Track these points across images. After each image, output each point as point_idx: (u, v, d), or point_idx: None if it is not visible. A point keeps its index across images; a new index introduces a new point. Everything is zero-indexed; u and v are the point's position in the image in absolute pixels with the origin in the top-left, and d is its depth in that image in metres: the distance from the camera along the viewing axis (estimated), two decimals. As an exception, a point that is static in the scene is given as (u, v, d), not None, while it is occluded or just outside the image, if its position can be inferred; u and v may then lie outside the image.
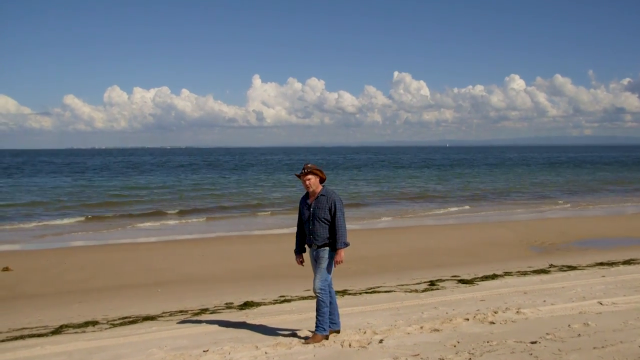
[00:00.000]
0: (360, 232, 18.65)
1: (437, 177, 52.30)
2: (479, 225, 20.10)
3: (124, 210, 25.08)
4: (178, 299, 9.33)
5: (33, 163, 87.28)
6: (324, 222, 6.09)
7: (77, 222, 21.82)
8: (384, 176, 53.43)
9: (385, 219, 22.56)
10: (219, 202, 29.44)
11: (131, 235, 18.50)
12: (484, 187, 39.17)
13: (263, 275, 11.67)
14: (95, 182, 43.96)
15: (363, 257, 13.43)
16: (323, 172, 6.25)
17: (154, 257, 13.90)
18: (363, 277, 11.10)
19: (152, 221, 21.85)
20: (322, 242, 6.11)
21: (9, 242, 17.17)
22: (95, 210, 25.29)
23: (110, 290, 10.48)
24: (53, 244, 16.73)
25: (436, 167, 73.19)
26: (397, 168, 71.28)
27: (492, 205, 27.94)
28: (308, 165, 6.18)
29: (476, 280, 10.01)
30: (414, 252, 14.31)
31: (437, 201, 30.12)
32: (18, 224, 21.03)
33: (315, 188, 6.18)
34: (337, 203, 6.09)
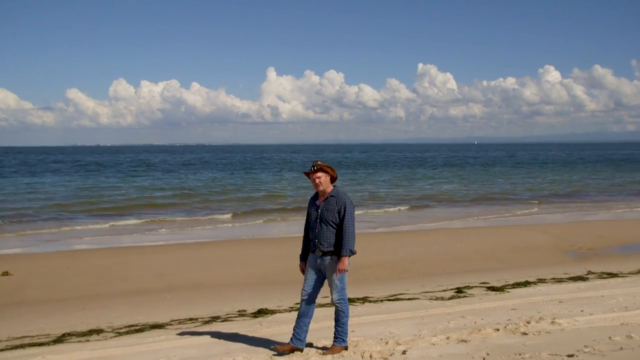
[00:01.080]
0: (380, 236, 18.62)
1: (485, 175, 52.06)
2: (510, 228, 19.93)
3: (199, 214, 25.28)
4: (188, 306, 9.38)
5: (46, 161, 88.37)
6: (331, 225, 6.00)
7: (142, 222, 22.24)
8: (422, 175, 53.23)
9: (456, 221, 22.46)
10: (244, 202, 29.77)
11: (138, 238, 18.68)
12: (547, 187, 38.89)
13: (278, 281, 11.69)
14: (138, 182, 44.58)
15: (384, 262, 13.39)
16: (334, 170, 6.17)
17: (162, 261, 14.00)
18: (384, 283, 11.06)
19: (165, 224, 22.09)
20: (328, 248, 6.01)
21: (9, 245, 17.43)
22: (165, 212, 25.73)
23: (116, 297, 10.57)
24: (56, 247, 16.94)
25: (479, 166, 72.72)
26: (431, 167, 70.80)
27: (568, 205, 27.99)
28: (318, 162, 6.10)
29: (507, 288, 9.92)
30: (440, 256, 14.23)
31: (504, 203, 29.69)
32: (88, 224, 21.62)
33: (326, 187, 6.09)
34: (347, 205, 5.99)
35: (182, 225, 21.68)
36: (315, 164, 6.08)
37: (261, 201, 30.00)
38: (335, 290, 6.07)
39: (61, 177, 51.27)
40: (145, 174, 55.64)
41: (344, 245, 5.95)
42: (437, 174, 55.58)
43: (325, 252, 6.03)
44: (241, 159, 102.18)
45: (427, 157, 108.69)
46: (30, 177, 50.43)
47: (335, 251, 6.01)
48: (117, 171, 61.22)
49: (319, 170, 6.06)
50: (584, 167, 67.90)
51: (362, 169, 65.63)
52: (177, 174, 55.31)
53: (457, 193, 35.48)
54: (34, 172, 59.40)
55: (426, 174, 56.33)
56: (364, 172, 60.07)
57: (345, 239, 5.95)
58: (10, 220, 22.60)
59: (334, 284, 6.07)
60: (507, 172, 58.79)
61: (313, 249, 6.14)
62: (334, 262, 6.03)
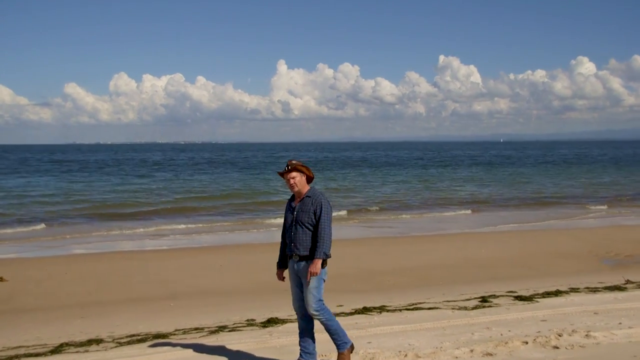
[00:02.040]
0: (399, 240, 18.58)
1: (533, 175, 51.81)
2: (540, 232, 19.80)
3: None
4: (193, 315, 9.41)
5: (43, 160, 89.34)
6: (307, 227, 5.97)
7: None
8: (445, 176, 53.09)
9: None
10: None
11: (140, 242, 18.78)
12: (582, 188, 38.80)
13: (290, 289, 11.68)
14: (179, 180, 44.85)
15: (403, 268, 13.36)
16: (310, 170, 6.16)
17: (166, 266, 14.06)
18: (403, 291, 11.03)
19: (166, 225, 22.20)
20: (304, 252, 5.98)
21: (4, 249, 17.61)
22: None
23: (117, 304, 10.63)
24: (52, 251, 17.08)
25: (530, 165, 72.26)
26: (455, 166, 70.59)
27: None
28: (292, 161, 6.11)
29: (536, 297, 9.85)
30: (463, 262, 14.17)
31: (534, 205, 29.53)
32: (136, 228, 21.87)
33: (301, 188, 6.08)
34: (323, 205, 5.97)
35: (187, 230, 21.75)
36: (290, 164, 6.08)
37: (270, 205, 30.01)
38: (312, 299, 6.00)
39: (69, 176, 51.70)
40: (149, 175, 55.98)
41: (318, 247, 5.89)
42: (460, 174, 55.47)
43: (302, 257, 6.00)
44: (251, 158, 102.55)
45: (451, 156, 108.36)
46: (26, 178, 50.96)
47: (311, 255, 5.98)
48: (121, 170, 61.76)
49: (294, 169, 6.05)
50: (618, 167, 67.24)
51: (381, 169, 65.57)
52: (182, 174, 55.66)
53: (482, 194, 35.37)
54: (30, 171, 60.02)
55: (448, 174, 56.22)
56: (383, 171, 60.04)
57: (320, 240, 5.90)
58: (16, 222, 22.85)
59: (309, 293, 5.99)
60: (546, 171, 58.47)
61: (290, 254, 6.12)
62: (309, 267, 5.99)
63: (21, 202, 30.92)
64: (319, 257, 5.89)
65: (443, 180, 47.67)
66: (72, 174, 55.62)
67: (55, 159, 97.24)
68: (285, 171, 6.08)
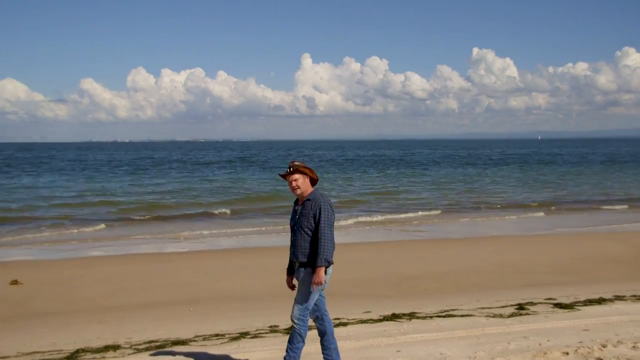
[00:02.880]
0: (430, 244, 18.49)
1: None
2: (581, 236, 19.56)
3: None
4: (213, 320, 9.47)
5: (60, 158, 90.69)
6: (307, 232, 5.92)
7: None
8: (485, 175, 52.65)
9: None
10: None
11: (159, 244, 18.97)
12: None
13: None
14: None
15: (435, 273, 13.31)
16: (314, 172, 6.12)
17: (186, 270, 14.17)
18: (435, 297, 10.99)
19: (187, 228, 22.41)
20: (302, 258, 5.94)
21: (19, 251, 17.91)
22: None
23: (135, 309, 10.74)
24: (68, 253, 17.34)
25: (570, 164, 71.30)
26: (492, 165, 70.05)
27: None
28: (295, 162, 6.06)
29: (577, 305, 9.72)
30: (498, 267, 14.06)
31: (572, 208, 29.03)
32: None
33: (305, 191, 6.04)
34: (322, 208, 5.88)
35: (207, 233, 21.90)
36: (292, 165, 6.04)
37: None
38: (297, 307, 5.97)
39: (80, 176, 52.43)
40: (160, 174, 56.50)
41: (319, 254, 5.80)
42: (498, 173, 55.01)
43: (302, 263, 5.96)
44: (276, 156, 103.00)
45: (484, 155, 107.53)
46: (47, 176, 51.81)
47: (310, 262, 5.91)
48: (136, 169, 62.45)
49: (296, 171, 6.00)
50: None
51: (412, 168, 65.35)
52: (198, 173, 56.11)
53: (517, 195, 35.05)
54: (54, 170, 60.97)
55: (481, 173, 55.81)
56: (415, 171, 59.85)
57: (321, 246, 5.81)
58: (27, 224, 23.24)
59: (299, 299, 5.97)
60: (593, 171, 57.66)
61: (292, 259, 6.11)
62: (307, 274, 5.93)
63: (85, 200, 31.92)
64: (320, 264, 5.79)
65: (476, 180, 47.34)
66: (117, 174, 56.36)
67: (81, 158, 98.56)
68: (287, 173, 6.04)
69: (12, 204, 30.28)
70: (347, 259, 15.23)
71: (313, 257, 5.87)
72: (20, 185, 42.33)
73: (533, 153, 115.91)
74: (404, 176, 52.23)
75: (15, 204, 30.32)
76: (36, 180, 47.88)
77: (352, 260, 14.98)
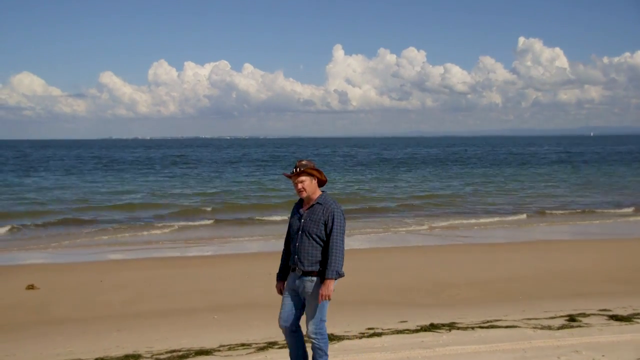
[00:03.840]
0: (470, 248, 18.37)
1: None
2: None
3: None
4: (240, 329, 9.51)
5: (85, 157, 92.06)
6: (315, 240, 5.89)
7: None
8: (538, 174, 51.83)
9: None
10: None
11: (182, 248, 19.14)
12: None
13: (346, 301, 11.68)
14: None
15: (476, 281, 13.21)
16: (322, 173, 6.06)
17: (210, 275, 14.25)
18: (477, 306, 10.91)
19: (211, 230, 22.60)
20: (309, 266, 5.91)
21: (35, 254, 18.22)
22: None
23: (156, 316, 10.84)
24: (87, 256, 17.60)
25: (628, 163, 70.01)
26: (545, 164, 69.05)
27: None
28: (302, 162, 5.98)
29: (636, 317, 9.55)
30: (547, 275, 13.89)
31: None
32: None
33: (311, 194, 5.99)
34: (336, 216, 5.86)
35: (233, 235, 22.06)
36: (299, 165, 5.96)
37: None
38: (313, 321, 5.96)
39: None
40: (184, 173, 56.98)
41: (330, 265, 5.80)
42: (550, 173, 54.35)
43: (307, 272, 5.93)
44: (306, 155, 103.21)
45: (530, 152, 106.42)
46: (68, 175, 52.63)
47: (319, 272, 5.90)
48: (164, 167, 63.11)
49: (303, 172, 5.94)
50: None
51: (455, 166, 64.96)
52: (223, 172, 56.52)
53: (565, 196, 34.62)
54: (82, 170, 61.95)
55: (525, 172, 55.21)
56: (458, 169, 59.48)
57: (332, 257, 5.81)
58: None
59: (312, 313, 5.96)
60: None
61: (293, 267, 6.05)
62: (316, 285, 5.91)
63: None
64: (331, 277, 5.79)
65: (520, 179, 46.83)
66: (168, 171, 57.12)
67: (115, 156, 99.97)
68: (293, 174, 5.98)
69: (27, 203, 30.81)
70: (381, 264, 15.21)
71: (322, 266, 5.88)
72: (41, 186, 42.96)
73: (589, 151, 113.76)
74: (459, 176, 51.33)
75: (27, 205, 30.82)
76: (45, 179, 48.56)
77: (386, 266, 14.95)
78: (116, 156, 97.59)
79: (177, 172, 58.39)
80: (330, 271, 5.79)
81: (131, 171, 59.32)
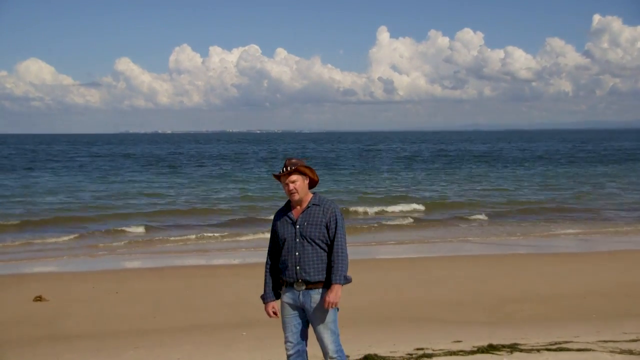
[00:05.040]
0: (534, 258, 18.19)
1: None
2: None
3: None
4: (270, 348, 9.53)
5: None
6: (319, 245, 5.94)
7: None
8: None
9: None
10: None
11: (206, 256, 19.33)
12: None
13: (392, 317, 11.69)
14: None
15: (542, 295, 13.09)
16: (314, 171, 6.09)
17: (237, 285, 14.34)
18: (542, 325, 10.80)
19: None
20: (316, 276, 5.94)
21: (44, 262, 18.53)
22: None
23: (177, 332, 10.93)
24: (100, 265, 17.86)
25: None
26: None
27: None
28: (292, 160, 6.03)
29: None
30: (624, 289, 13.67)
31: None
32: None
33: (303, 195, 6.03)
34: (338, 217, 5.97)
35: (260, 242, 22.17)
36: (290, 163, 6.00)
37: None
38: (331, 338, 5.99)
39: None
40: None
41: (337, 270, 5.87)
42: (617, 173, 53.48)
43: (312, 284, 5.95)
44: (348, 151, 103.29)
45: (611, 149, 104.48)
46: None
47: (326, 281, 5.95)
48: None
49: (294, 171, 5.97)
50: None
51: (520, 165, 64.30)
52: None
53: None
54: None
55: (605, 172, 54.35)
56: (527, 168, 58.87)
57: (338, 261, 5.89)
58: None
59: (327, 330, 5.99)
60: None
61: (291, 281, 6.04)
62: (323, 295, 5.95)
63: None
64: (338, 281, 5.85)
65: (598, 180, 46.15)
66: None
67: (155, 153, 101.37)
68: (283, 173, 6.00)
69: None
70: (430, 276, 15.13)
71: (328, 273, 5.94)
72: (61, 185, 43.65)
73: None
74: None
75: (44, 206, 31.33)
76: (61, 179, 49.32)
77: (435, 277, 14.88)
78: (132, 150, 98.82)
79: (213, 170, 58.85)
80: (338, 276, 5.87)
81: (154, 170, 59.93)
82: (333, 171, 56.49)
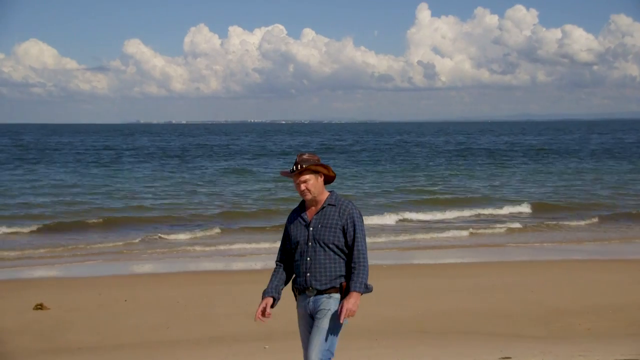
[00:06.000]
0: (592, 265, 18.02)
1: None
2: None
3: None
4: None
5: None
6: (333, 250, 5.92)
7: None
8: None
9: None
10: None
11: (224, 261, 19.42)
12: None
13: (429, 330, 11.65)
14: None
15: (603, 307, 12.94)
16: (330, 168, 6.05)
17: (257, 293, 14.30)
18: (604, 341, 10.72)
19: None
20: (327, 284, 5.93)
21: (45, 266, 18.65)
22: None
23: (192, 344, 10.97)
24: (108, 269, 17.98)
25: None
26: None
27: None
28: (304, 156, 6.00)
29: None
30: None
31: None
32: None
33: (317, 195, 6.00)
34: (357, 219, 5.93)
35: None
36: (301, 160, 5.96)
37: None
38: (319, 348, 5.91)
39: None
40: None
41: (357, 277, 5.86)
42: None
43: (322, 291, 5.95)
44: (385, 144, 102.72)
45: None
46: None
47: (340, 288, 5.94)
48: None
49: (306, 170, 5.94)
50: None
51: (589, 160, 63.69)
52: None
53: None
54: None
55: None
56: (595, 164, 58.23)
57: (358, 268, 5.88)
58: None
59: (319, 338, 5.92)
60: None
61: (302, 288, 6.08)
62: (335, 302, 5.94)
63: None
64: (359, 290, 5.83)
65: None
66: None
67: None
68: (293, 172, 5.98)
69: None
70: (475, 284, 15.03)
71: (346, 279, 5.92)
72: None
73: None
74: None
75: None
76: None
77: (482, 286, 14.77)
78: (148, 144, 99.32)
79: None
80: (358, 284, 5.84)
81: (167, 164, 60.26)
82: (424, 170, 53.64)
